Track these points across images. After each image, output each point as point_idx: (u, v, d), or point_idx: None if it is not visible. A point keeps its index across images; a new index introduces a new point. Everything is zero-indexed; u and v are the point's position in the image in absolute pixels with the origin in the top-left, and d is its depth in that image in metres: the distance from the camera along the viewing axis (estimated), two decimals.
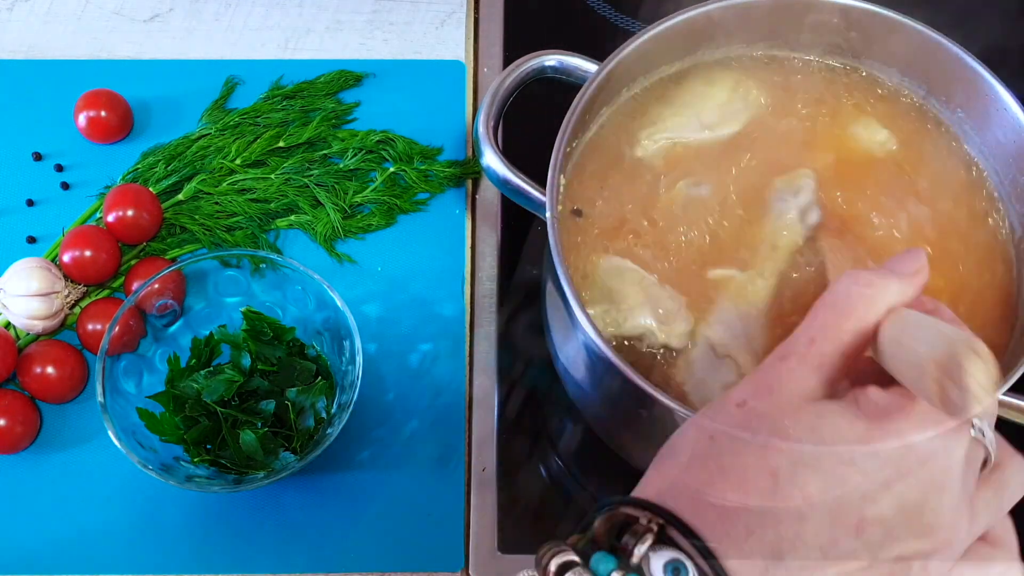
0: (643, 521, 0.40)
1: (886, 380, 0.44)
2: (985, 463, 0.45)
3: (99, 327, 0.75)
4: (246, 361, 0.72)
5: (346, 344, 0.71)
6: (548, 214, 0.64)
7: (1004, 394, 0.60)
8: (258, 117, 0.85)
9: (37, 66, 0.88)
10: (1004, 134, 0.68)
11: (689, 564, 0.39)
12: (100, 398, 0.67)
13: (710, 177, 0.69)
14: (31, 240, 0.81)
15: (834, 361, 0.44)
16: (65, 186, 0.83)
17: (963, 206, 0.69)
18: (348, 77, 0.88)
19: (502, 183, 0.70)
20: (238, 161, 0.83)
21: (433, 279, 0.81)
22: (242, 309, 0.73)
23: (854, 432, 0.41)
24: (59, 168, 0.84)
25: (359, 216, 0.82)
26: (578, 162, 0.70)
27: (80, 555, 0.72)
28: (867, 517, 0.40)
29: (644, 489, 0.43)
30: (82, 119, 0.83)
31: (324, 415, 0.73)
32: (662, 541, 0.40)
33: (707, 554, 0.39)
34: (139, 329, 0.72)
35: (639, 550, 0.39)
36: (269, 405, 0.71)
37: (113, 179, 0.83)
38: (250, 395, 0.72)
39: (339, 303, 0.70)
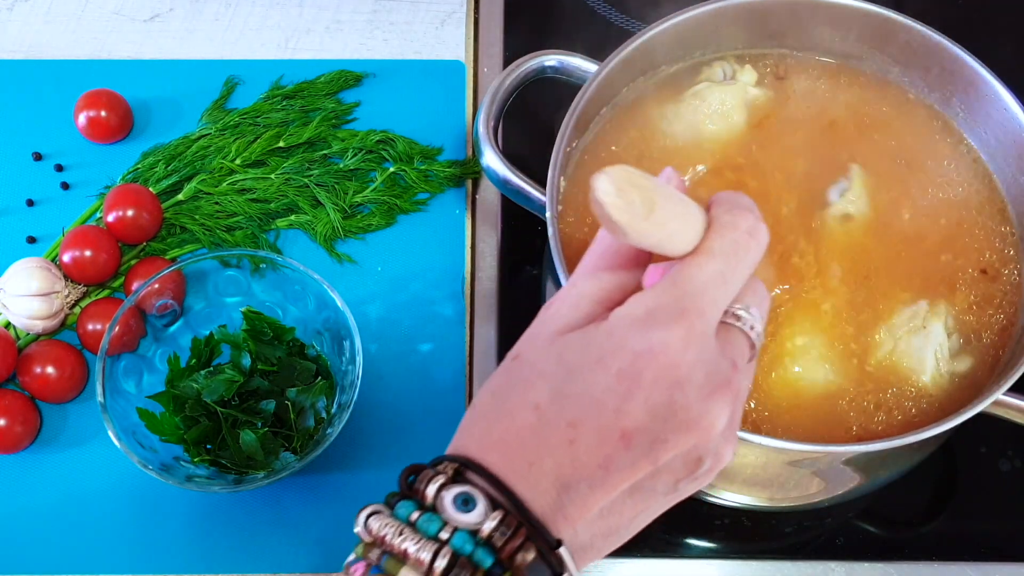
0: (438, 468, 0.44)
1: None
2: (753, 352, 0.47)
3: (99, 327, 0.75)
4: (246, 361, 0.72)
5: (346, 344, 0.71)
6: (548, 214, 0.64)
7: (1004, 394, 0.60)
8: (258, 117, 0.85)
9: (37, 66, 0.88)
10: (1005, 134, 0.68)
11: (478, 494, 0.43)
12: (100, 398, 0.67)
13: (710, 176, 0.69)
14: (31, 240, 0.81)
15: (596, 294, 0.47)
16: (65, 186, 0.83)
17: (964, 205, 0.69)
18: (348, 77, 0.88)
19: (502, 183, 0.70)
20: (238, 161, 0.83)
21: (433, 279, 0.81)
22: (242, 309, 0.73)
23: (590, 353, 0.44)
24: (59, 168, 0.84)
25: (359, 216, 0.82)
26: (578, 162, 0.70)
27: (80, 555, 0.72)
28: (627, 428, 0.43)
29: (449, 448, 0.47)
30: (82, 119, 0.83)
31: (324, 415, 0.72)
32: (455, 482, 0.43)
33: (498, 485, 0.43)
34: (139, 329, 0.72)
35: (431, 488, 0.43)
36: (269, 405, 0.71)
37: (113, 179, 0.83)
38: (250, 395, 0.72)
39: (339, 303, 0.70)
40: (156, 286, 0.71)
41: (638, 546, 0.66)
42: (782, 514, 0.73)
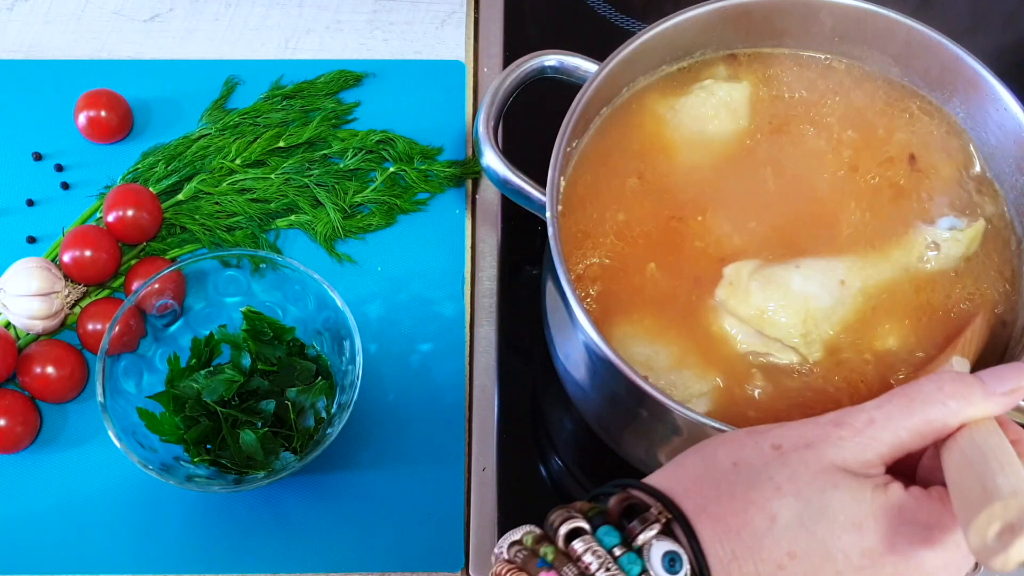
0: (654, 511, 0.43)
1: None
2: None
3: (99, 327, 0.75)
4: (246, 361, 0.72)
5: (346, 344, 0.71)
6: (548, 214, 0.64)
7: None
8: (258, 117, 0.85)
9: (37, 66, 0.88)
10: (1005, 134, 0.68)
11: (685, 559, 0.42)
12: (100, 398, 0.67)
13: (712, 175, 0.69)
14: (31, 240, 0.81)
15: (884, 450, 0.44)
16: (65, 186, 0.83)
17: (964, 203, 0.69)
18: (348, 77, 0.88)
19: (502, 183, 0.70)
20: (238, 161, 0.83)
21: (433, 279, 0.81)
22: (242, 309, 0.73)
23: (853, 512, 0.42)
24: (59, 168, 0.84)
25: (359, 216, 0.82)
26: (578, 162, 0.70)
27: (80, 555, 0.72)
28: None
29: (659, 480, 0.45)
30: (82, 119, 0.83)
31: (324, 415, 0.72)
32: (665, 533, 0.42)
33: (701, 558, 0.42)
34: (139, 329, 0.72)
35: (645, 535, 0.42)
36: (269, 405, 0.71)
37: (113, 179, 0.83)
38: (250, 395, 0.72)
39: (339, 303, 0.70)
40: (156, 286, 0.71)
41: None
42: None
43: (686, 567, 0.42)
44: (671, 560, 0.42)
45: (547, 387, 0.78)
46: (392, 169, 0.83)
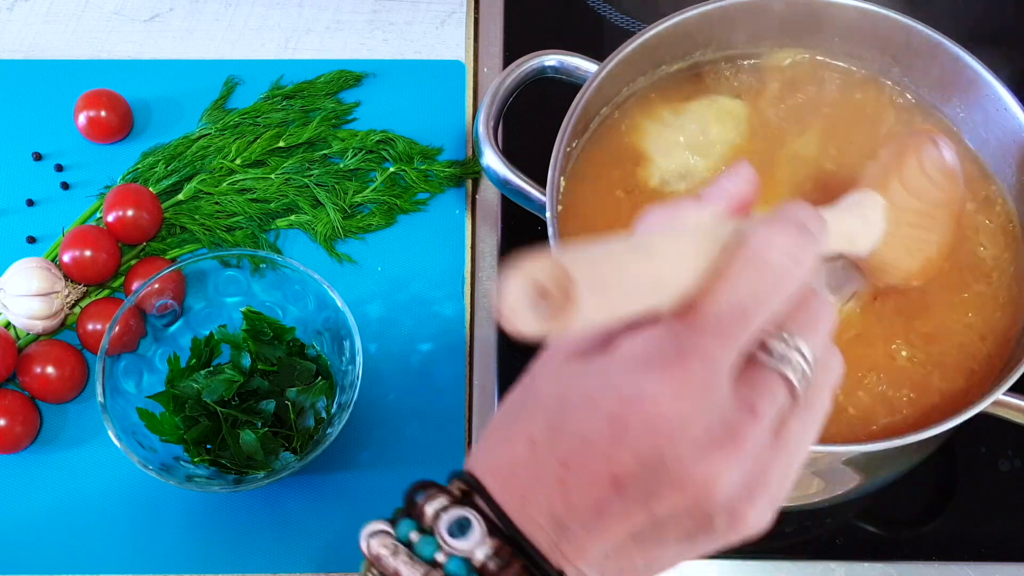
0: (449, 487, 0.43)
1: None
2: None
3: (99, 327, 0.75)
4: (246, 361, 0.72)
5: (346, 344, 0.71)
6: (548, 214, 0.64)
7: (1004, 394, 0.60)
8: (258, 117, 0.85)
9: (37, 66, 0.88)
10: (1005, 134, 0.68)
11: (477, 520, 0.41)
12: (100, 398, 0.67)
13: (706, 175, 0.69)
14: (31, 240, 0.81)
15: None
16: (65, 186, 0.83)
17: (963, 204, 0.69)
18: (348, 77, 0.88)
19: (502, 183, 0.70)
20: (238, 161, 0.83)
21: (433, 279, 0.81)
22: (242, 309, 0.73)
23: (585, 388, 0.40)
24: (59, 168, 0.84)
25: (359, 216, 0.82)
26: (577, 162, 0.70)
27: (80, 555, 0.72)
28: (618, 474, 0.39)
29: (467, 462, 0.45)
30: (82, 119, 0.83)
31: (324, 415, 0.72)
32: (460, 503, 0.42)
33: (497, 510, 0.41)
34: (139, 329, 0.72)
35: (429, 510, 0.42)
36: (269, 405, 0.71)
37: (113, 179, 0.83)
38: (250, 395, 0.72)
39: (339, 303, 0.70)
40: (156, 286, 0.71)
41: None
42: (782, 514, 0.73)
43: (477, 528, 0.40)
44: (460, 526, 0.41)
45: None
46: (392, 169, 0.83)
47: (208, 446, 0.71)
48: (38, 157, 0.84)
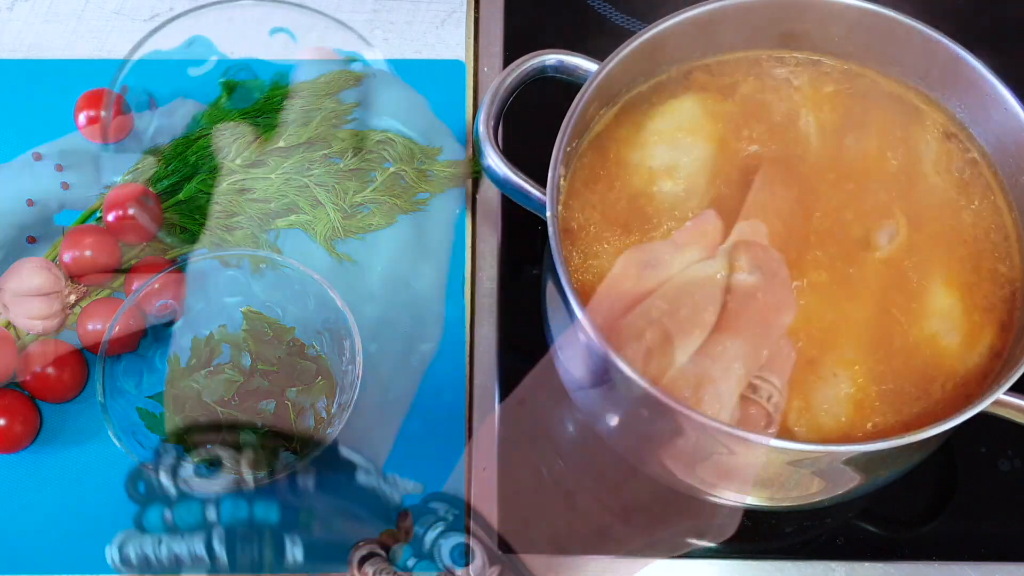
0: (440, 512, 0.42)
1: None
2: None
3: (99, 327, 0.75)
4: (246, 361, 0.72)
5: (346, 344, 0.71)
6: (548, 214, 0.64)
7: (1004, 394, 0.60)
8: (258, 117, 0.85)
9: (37, 66, 0.88)
10: (1005, 134, 0.68)
11: (478, 547, 0.41)
12: (100, 398, 0.67)
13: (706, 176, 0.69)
14: (31, 240, 0.81)
15: None
16: (65, 186, 0.83)
17: (966, 204, 0.69)
18: (348, 77, 0.88)
19: (502, 183, 0.70)
20: (238, 161, 0.83)
21: (433, 279, 0.81)
22: (242, 309, 0.73)
23: None
24: (59, 168, 0.84)
25: (359, 216, 0.82)
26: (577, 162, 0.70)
27: (80, 555, 0.72)
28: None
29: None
30: (82, 119, 0.83)
31: (324, 415, 0.72)
32: (456, 529, 0.41)
33: (502, 544, 0.41)
34: (139, 329, 0.72)
35: (429, 537, 0.42)
36: (269, 405, 0.71)
37: (113, 179, 0.83)
38: (250, 395, 0.72)
39: (339, 303, 0.70)
40: (156, 286, 0.71)
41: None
42: (782, 514, 0.73)
43: (480, 555, 0.41)
44: (462, 553, 0.41)
45: (547, 387, 0.78)
46: (392, 169, 0.83)
47: (208, 446, 0.71)
48: (38, 157, 0.84)
